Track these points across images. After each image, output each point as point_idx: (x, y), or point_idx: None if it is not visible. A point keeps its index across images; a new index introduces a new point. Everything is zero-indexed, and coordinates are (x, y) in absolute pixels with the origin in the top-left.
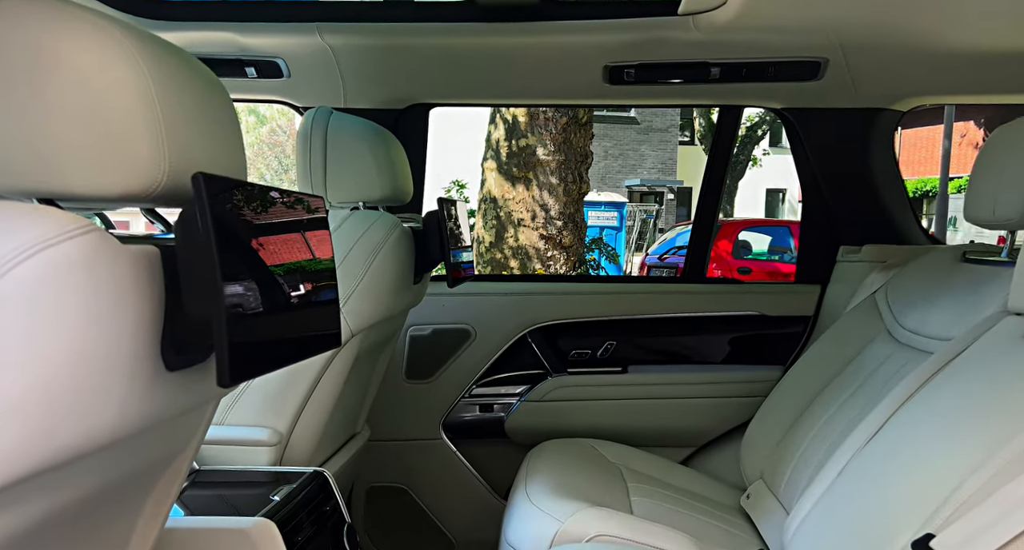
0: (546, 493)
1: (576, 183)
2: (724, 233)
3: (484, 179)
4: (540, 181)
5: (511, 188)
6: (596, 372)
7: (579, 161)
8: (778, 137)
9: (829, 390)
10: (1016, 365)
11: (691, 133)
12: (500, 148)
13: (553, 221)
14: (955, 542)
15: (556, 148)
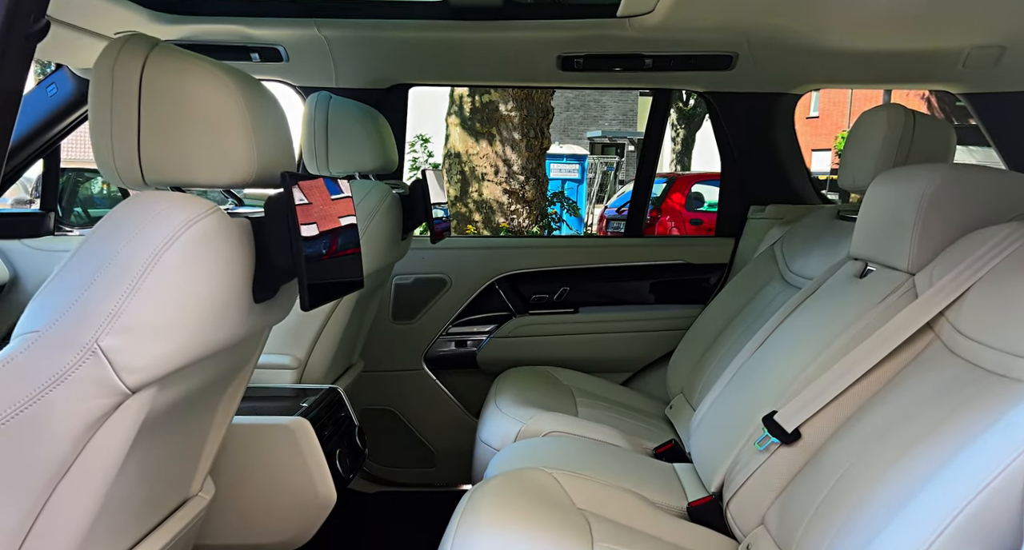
0: (511, 404)
1: (538, 138)
2: (678, 187)
3: (448, 134)
4: (503, 137)
5: (475, 143)
6: (552, 313)
7: (541, 117)
8: None
9: (735, 322)
10: (846, 295)
11: None
12: (464, 104)
13: (516, 176)
14: (791, 411)
15: (518, 104)
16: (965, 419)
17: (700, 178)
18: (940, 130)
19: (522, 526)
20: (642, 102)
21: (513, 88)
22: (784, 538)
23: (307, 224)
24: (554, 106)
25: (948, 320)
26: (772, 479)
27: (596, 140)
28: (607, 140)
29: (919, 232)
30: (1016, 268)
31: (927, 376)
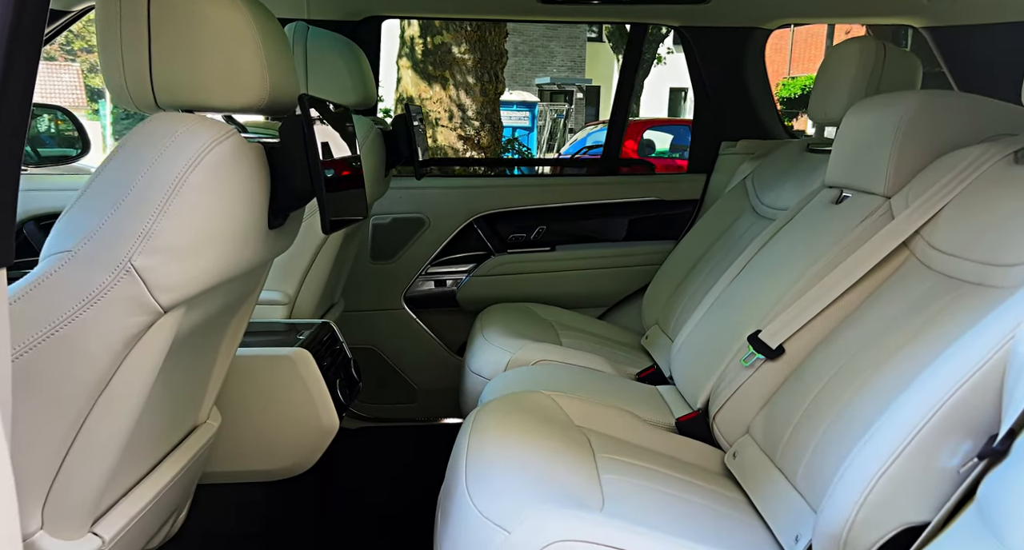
0: (499, 336)
1: (492, 83)
2: (630, 133)
3: (400, 77)
4: (457, 80)
5: (427, 87)
6: (530, 251)
7: (495, 60)
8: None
9: (708, 255)
10: (823, 221)
11: (599, 29)
12: (415, 45)
13: (471, 121)
14: (775, 329)
15: (471, 46)
16: (944, 324)
17: (651, 124)
18: (908, 61)
19: (529, 440)
20: (591, 48)
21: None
22: (770, 444)
23: (323, 146)
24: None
25: (923, 238)
26: (757, 392)
27: (545, 87)
28: (556, 87)
29: (896, 156)
30: (987, 186)
31: (904, 290)
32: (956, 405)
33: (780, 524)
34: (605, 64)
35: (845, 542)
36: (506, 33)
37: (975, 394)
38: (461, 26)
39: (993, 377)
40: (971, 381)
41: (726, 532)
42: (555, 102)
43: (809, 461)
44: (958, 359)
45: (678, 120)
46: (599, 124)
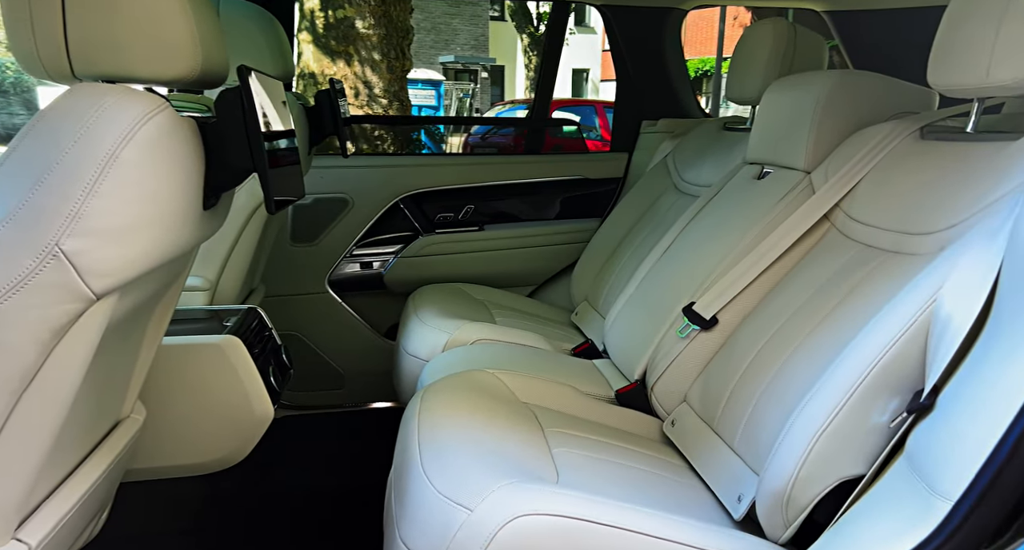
0: (434, 316)
1: (399, 60)
2: None
3: (300, 52)
4: (362, 56)
5: (331, 63)
6: (459, 231)
7: (401, 36)
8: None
9: (633, 232)
10: (747, 196)
11: (501, 8)
12: (316, 19)
13: (378, 99)
14: (708, 301)
15: (376, 21)
16: (868, 291)
17: (558, 104)
18: (816, 42)
19: (480, 418)
20: (494, 27)
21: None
22: (707, 411)
23: (264, 121)
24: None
25: (842, 210)
26: (693, 361)
27: (449, 65)
28: (460, 66)
29: (815, 133)
30: (899, 161)
31: (828, 260)
32: (886, 366)
33: (722, 486)
34: (508, 43)
35: (788, 498)
36: (411, 8)
37: (902, 355)
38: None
39: (918, 339)
40: (898, 343)
41: (673, 496)
42: (460, 81)
43: (746, 425)
44: (886, 323)
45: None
46: (507, 104)
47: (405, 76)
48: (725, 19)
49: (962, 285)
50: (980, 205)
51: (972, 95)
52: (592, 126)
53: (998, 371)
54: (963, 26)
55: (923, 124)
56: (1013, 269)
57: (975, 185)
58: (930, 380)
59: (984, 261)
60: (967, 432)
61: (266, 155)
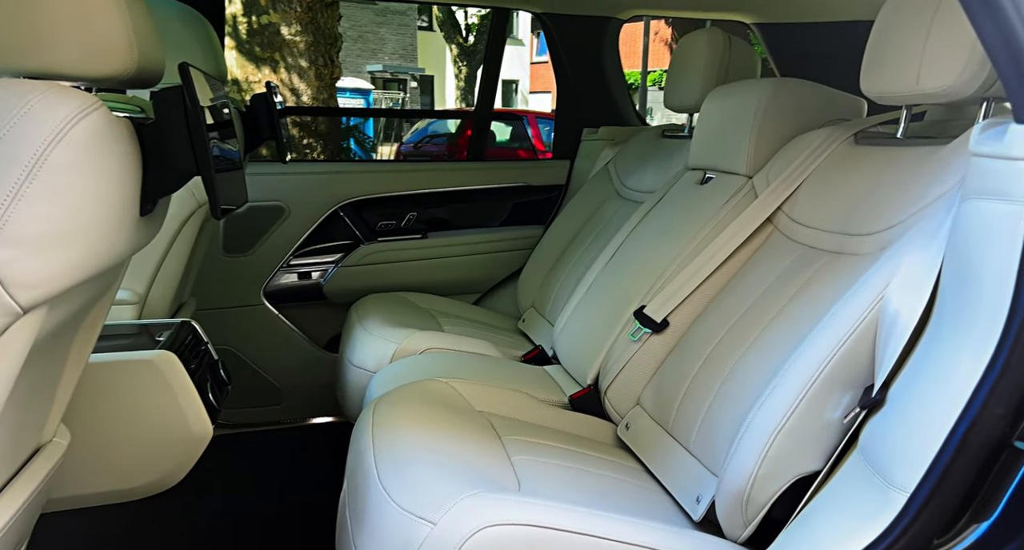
0: (380, 326)
1: (328, 67)
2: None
3: None
4: (288, 63)
5: (255, 70)
6: (401, 239)
7: (329, 44)
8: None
9: (578, 239)
10: (692, 201)
11: (429, 18)
12: (238, 25)
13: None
14: (658, 304)
15: (303, 28)
16: (814, 292)
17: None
18: (748, 52)
19: (438, 428)
20: (422, 37)
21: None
22: (661, 413)
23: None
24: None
25: (785, 213)
26: (645, 365)
27: (377, 74)
28: (389, 75)
29: (755, 139)
30: (835, 165)
31: (773, 261)
32: (838, 362)
33: (680, 488)
34: (437, 53)
35: (748, 497)
36: (339, 15)
37: (853, 352)
38: (290, 6)
39: (867, 336)
40: (849, 340)
41: (632, 500)
42: (389, 90)
43: (702, 426)
44: (837, 322)
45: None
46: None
47: (334, 84)
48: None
49: (906, 284)
50: (916, 206)
51: (902, 102)
52: (525, 136)
53: (945, 366)
54: (892, 38)
55: (856, 130)
56: (952, 268)
57: (910, 188)
58: (880, 375)
59: (925, 261)
60: (919, 425)
61: (212, 157)
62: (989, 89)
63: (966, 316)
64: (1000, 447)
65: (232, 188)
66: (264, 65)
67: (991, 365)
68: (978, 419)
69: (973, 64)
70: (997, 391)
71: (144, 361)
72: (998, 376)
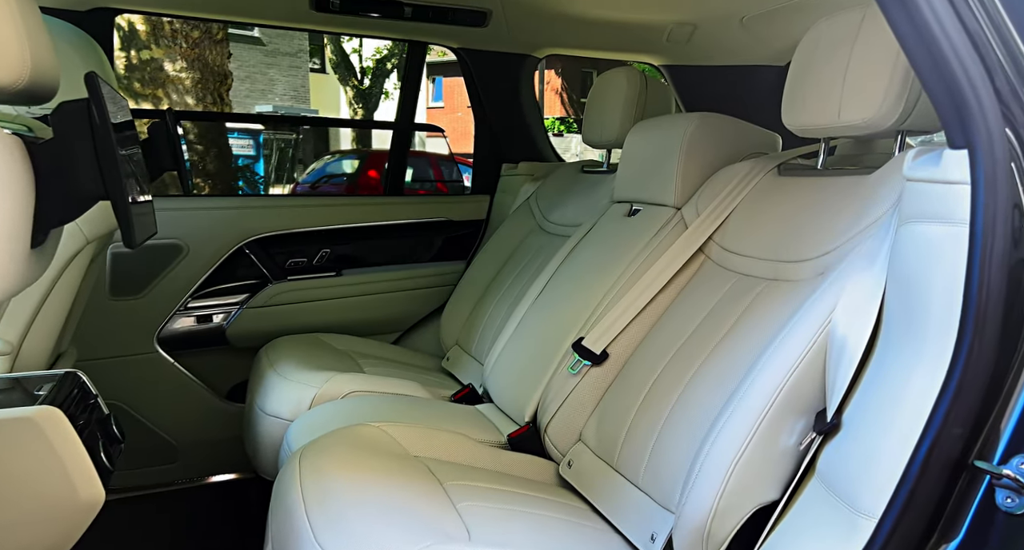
0: (296, 370)
1: (217, 105)
2: (372, 163)
3: None
4: (173, 100)
5: (134, 105)
6: (313, 277)
7: (219, 81)
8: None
9: (502, 273)
10: (621, 233)
11: (322, 61)
12: (115, 59)
13: (194, 145)
14: (596, 336)
15: (189, 64)
16: (757, 319)
17: None
18: (664, 89)
19: (375, 477)
20: (315, 79)
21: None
22: (605, 448)
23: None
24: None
25: (716, 242)
26: (586, 398)
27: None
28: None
29: (682, 170)
30: (763, 195)
31: (709, 290)
32: (791, 389)
33: (631, 526)
34: (331, 96)
35: (709, 532)
36: (229, 53)
37: (804, 377)
38: (175, 41)
39: (817, 361)
40: (800, 367)
41: (585, 541)
42: (280, 131)
43: (651, 460)
44: (785, 348)
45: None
46: (336, 154)
47: (224, 122)
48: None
49: (852, 308)
50: (850, 233)
51: (823, 135)
52: (427, 178)
53: (898, 387)
54: (812, 73)
55: (779, 162)
56: (896, 290)
57: (841, 215)
58: (833, 400)
59: (868, 285)
60: (879, 448)
61: (123, 179)
62: (905, 122)
63: (915, 337)
64: (960, 467)
65: (142, 215)
66: (144, 102)
67: (945, 384)
68: (937, 440)
69: (891, 97)
70: (954, 411)
71: (22, 419)
72: (953, 396)
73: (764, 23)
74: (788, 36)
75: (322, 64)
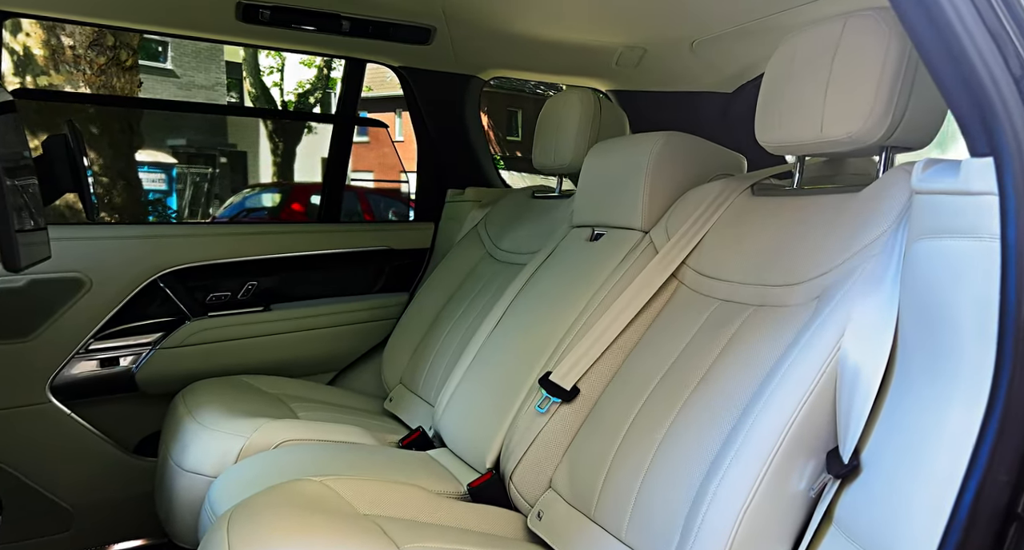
0: (219, 418)
1: (126, 133)
2: (297, 196)
3: None
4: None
5: (29, 134)
6: (238, 313)
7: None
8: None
9: (449, 306)
10: (585, 259)
11: (240, 95)
12: (7, 85)
13: (99, 177)
14: (565, 370)
15: (94, 91)
16: (746, 348)
17: (319, 187)
18: (616, 111)
19: (317, 542)
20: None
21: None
22: (580, 496)
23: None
24: None
25: (690, 267)
26: (556, 440)
27: (181, 149)
28: (194, 150)
29: (648, 192)
30: (739, 217)
31: (686, 318)
32: (800, 427)
33: None
34: (250, 129)
35: None
36: (140, 81)
37: (814, 413)
38: (77, 67)
39: (826, 394)
40: (809, 401)
41: None
42: (195, 165)
43: (635, 510)
44: (791, 382)
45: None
46: (256, 188)
47: (133, 152)
48: None
49: (862, 334)
50: (847, 252)
51: (804, 152)
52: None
53: (930, 424)
54: (788, 86)
55: (752, 183)
56: (913, 313)
57: (834, 234)
58: (848, 438)
59: (878, 308)
60: (911, 494)
61: (5, 200)
62: (891, 136)
63: (943, 366)
64: (1009, 518)
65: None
66: (40, 130)
67: (985, 422)
68: (982, 487)
69: (878, 110)
70: (998, 454)
71: None
72: (996, 436)
73: (713, 48)
74: (736, 62)
75: (241, 98)
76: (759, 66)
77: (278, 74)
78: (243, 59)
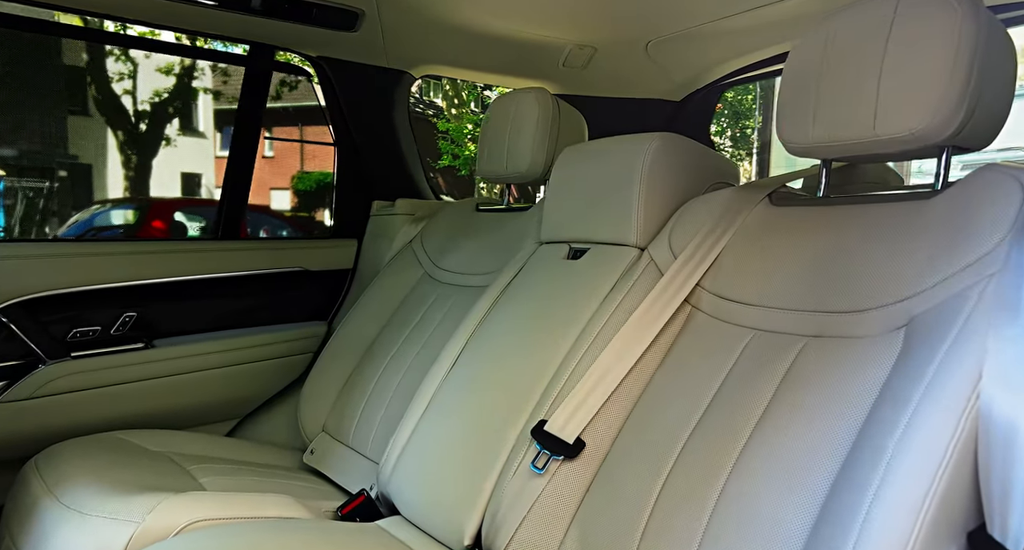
0: (92, 494)
1: None
2: (157, 212)
3: None
4: None
5: None
6: (111, 351)
7: None
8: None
9: (383, 336)
10: (565, 279)
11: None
12: None
13: None
14: (564, 419)
15: None
16: (822, 389)
17: (181, 204)
18: (575, 114)
19: None
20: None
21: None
22: None
23: None
24: None
25: (707, 290)
26: (560, 505)
27: (12, 161)
28: (26, 162)
29: (643, 202)
30: (764, 231)
31: (711, 352)
32: (941, 502)
33: None
34: (96, 140)
35: None
36: None
37: (954, 483)
38: None
39: (966, 458)
40: (947, 473)
41: None
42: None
43: None
44: (918, 444)
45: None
46: (108, 203)
47: None
48: None
49: (1011, 377)
50: (943, 272)
51: (850, 153)
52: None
53: None
54: (823, 82)
55: (769, 191)
56: None
57: (908, 249)
58: (1012, 515)
59: (1018, 340)
60: None
61: None
62: (960, 134)
63: None
64: None
65: None
66: None
67: None
68: None
69: (949, 101)
70: None
71: None
72: None
73: (669, 51)
74: (688, 67)
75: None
76: (711, 73)
77: (130, 81)
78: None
